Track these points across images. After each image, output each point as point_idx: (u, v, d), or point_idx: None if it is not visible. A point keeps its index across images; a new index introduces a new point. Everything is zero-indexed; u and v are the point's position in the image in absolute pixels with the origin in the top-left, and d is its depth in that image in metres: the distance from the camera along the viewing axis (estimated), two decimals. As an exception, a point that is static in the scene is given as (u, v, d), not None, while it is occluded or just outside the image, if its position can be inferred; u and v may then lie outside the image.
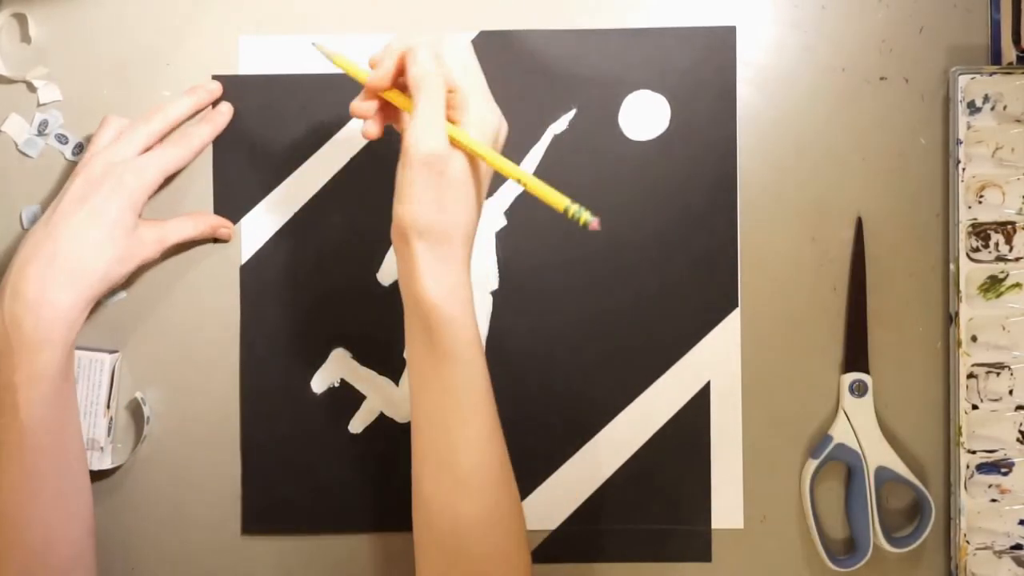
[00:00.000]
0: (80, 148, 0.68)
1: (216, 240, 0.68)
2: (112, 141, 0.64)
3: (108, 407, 0.66)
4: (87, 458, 0.64)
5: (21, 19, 0.68)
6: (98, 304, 0.67)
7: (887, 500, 0.69)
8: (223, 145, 0.68)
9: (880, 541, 0.66)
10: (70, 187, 0.62)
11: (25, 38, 0.68)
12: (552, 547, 0.68)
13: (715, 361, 0.68)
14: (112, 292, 0.67)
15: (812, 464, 0.67)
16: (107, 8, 0.68)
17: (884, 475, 0.67)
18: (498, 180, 0.67)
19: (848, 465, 0.68)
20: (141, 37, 0.68)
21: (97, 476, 0.67)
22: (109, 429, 0.67)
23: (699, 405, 0.68)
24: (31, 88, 0.68)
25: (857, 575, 0.68)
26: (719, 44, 0.68)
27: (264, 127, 0.68)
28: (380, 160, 0.68)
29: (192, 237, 0.67)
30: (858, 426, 0.67)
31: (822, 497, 0.69)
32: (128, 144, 0.63)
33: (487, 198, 0.66)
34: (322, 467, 0.68)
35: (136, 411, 0.68)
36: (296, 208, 0.68)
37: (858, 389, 0.67)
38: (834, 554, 0.68)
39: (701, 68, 0.68)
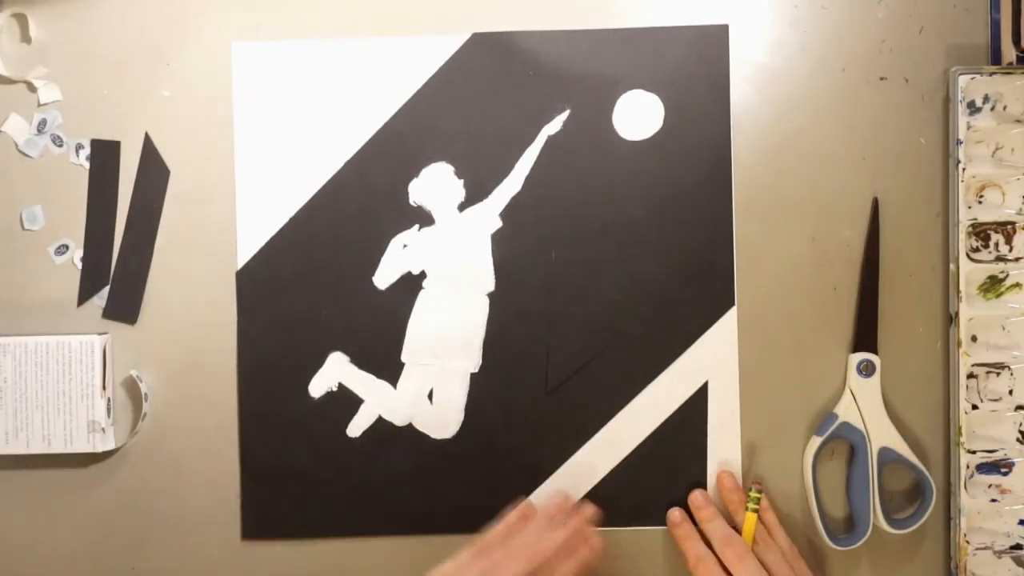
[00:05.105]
0: (80, 148, 0.68)
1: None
2: None
3: (104, 388, 0.67)
4: (90, 441, 0.65)
5: (21, 19, 0.68)
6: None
7: (888, 482, 0.68)
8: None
9: (880, 521, 0.66)
10: None
11: (25, 38, 0.68)
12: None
13: (713, 360, 0.68)
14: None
15: (816, 441, 0.67)
16: (107, 8, 0.68)
17: (887, 456, 0.67)
18: (494, 182, 0.68)
19: (851, 444, 0.68)
20: (141, 37, 0.68)
21: (97, 467, 0.68)
22: (108, 410, 0.67)
23: (697, 404, 0.68)
24: (31, 88, 0.68)
25: (855, 554, 0.68)
26: (712, 43, 0.68)
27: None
28: (375, 165, 0.68)
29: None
30: (863, 406, 0.67)
31: (824, 477, 0.69)
32: None
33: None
34: (321, 471, 0.68)
35: (133, 391, 0.68)
36: (292, 213, 0.68)
37: (865, 369, 0.67)
38: (834, 533, 0.68)
39: (694, 67, 0.68)
